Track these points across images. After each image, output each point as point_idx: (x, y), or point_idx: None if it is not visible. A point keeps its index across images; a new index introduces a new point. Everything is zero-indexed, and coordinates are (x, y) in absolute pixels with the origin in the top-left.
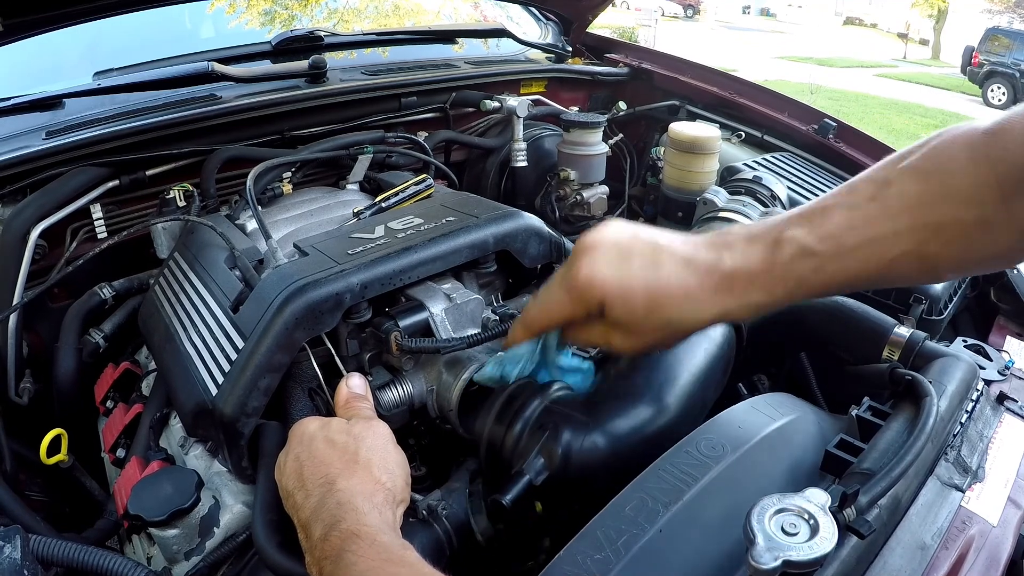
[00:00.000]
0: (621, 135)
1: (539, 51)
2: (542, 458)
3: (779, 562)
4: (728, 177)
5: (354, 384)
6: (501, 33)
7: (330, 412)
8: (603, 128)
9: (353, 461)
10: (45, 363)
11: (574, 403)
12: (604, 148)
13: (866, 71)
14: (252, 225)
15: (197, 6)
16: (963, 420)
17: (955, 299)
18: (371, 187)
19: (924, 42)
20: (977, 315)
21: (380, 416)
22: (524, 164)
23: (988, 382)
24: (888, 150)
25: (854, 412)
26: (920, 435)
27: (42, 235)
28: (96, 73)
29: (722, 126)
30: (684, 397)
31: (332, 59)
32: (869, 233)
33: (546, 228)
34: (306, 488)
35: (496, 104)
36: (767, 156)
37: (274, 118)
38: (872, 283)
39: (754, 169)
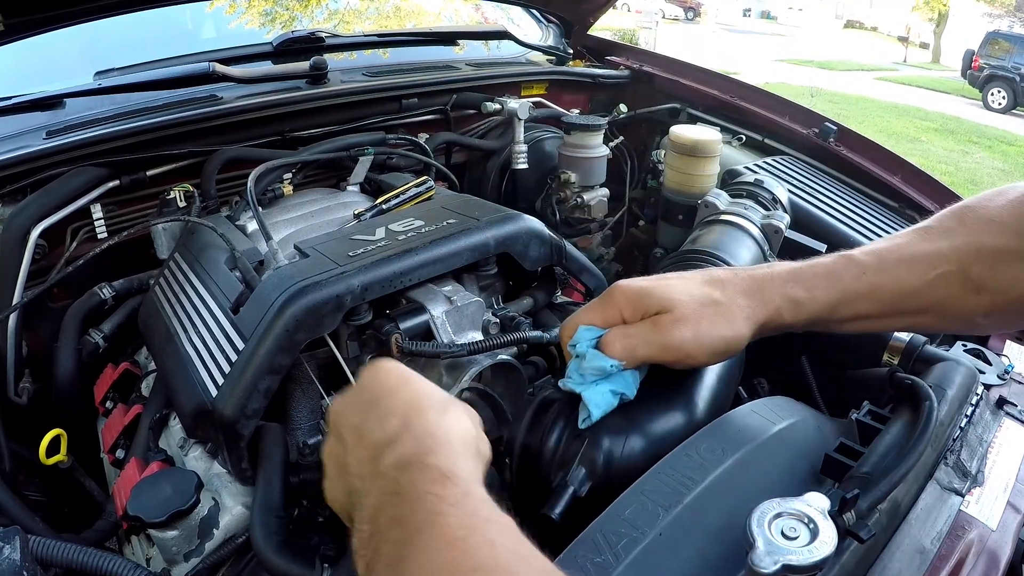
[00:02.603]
0: (622, 138)
1: (540, 53)
2: (583, 468)
3: (779, 566)
4: (729, 180)
5: None
6: (502, 35)
7: None
8: (604, 131)
9: (450, 402)
10: (45, 363)
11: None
12: (605, 151)
13: (866, 74)
14: (252, 226)
15: (198, 6)
16: (963, 424)
17: None
18: (372, 189)
19: (924, 46)
20: None
21: None
22: (525, 166)
23: (988, 386)
24: (888, 153)
25: (854, 416)
26: (920, 439)
27: (42, 235)
28: (97, 73)
29: (723, 129)
30: (712, 396)
31: (333, 60)
32: (909, 251)
33: (547, 230)
34: (381, 408)
35: (497, 106)
36: (768, 159)
37: (275, 119)
38: (917, 299)
39: (755, 172)
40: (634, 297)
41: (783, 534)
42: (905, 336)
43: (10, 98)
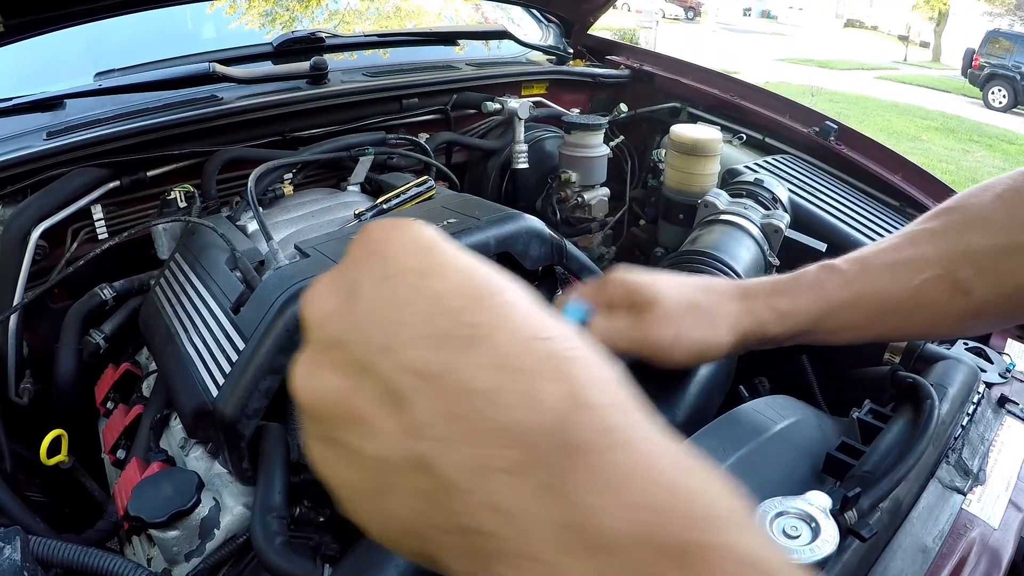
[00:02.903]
0: (622, 137)
1: (540, 53)
2: None
3: None
4: (729, 179)
5: None
6: (502, 35)
7: None
8: (604, 130)
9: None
10: (45, 364)
11: None
12: (605, 150)
13: (867, 73)
14: (253, 226)
15: (198, 6)
16: (964, 423)
17: None
18: (372, 188)
19: (925, 44)
20: None
21: None
22: (525, 166)
23: (989, 385)
24: (889, 152)
25: (855, 415)
26: (921, 438)
27: (43, 236)
28: (97, 74)
29: (723, 128)
30: (690, 408)
31: (333, 60)
32: (893, 257)
33: (547, 230)
34: (482, 340)
35: (497, 106)
36: (768, 158)
37: (275, 119)
38: (904, 306)
39: (755, 171)
40: (626, 286)
41: (785, 533)
42: None
43: (11, 99)
